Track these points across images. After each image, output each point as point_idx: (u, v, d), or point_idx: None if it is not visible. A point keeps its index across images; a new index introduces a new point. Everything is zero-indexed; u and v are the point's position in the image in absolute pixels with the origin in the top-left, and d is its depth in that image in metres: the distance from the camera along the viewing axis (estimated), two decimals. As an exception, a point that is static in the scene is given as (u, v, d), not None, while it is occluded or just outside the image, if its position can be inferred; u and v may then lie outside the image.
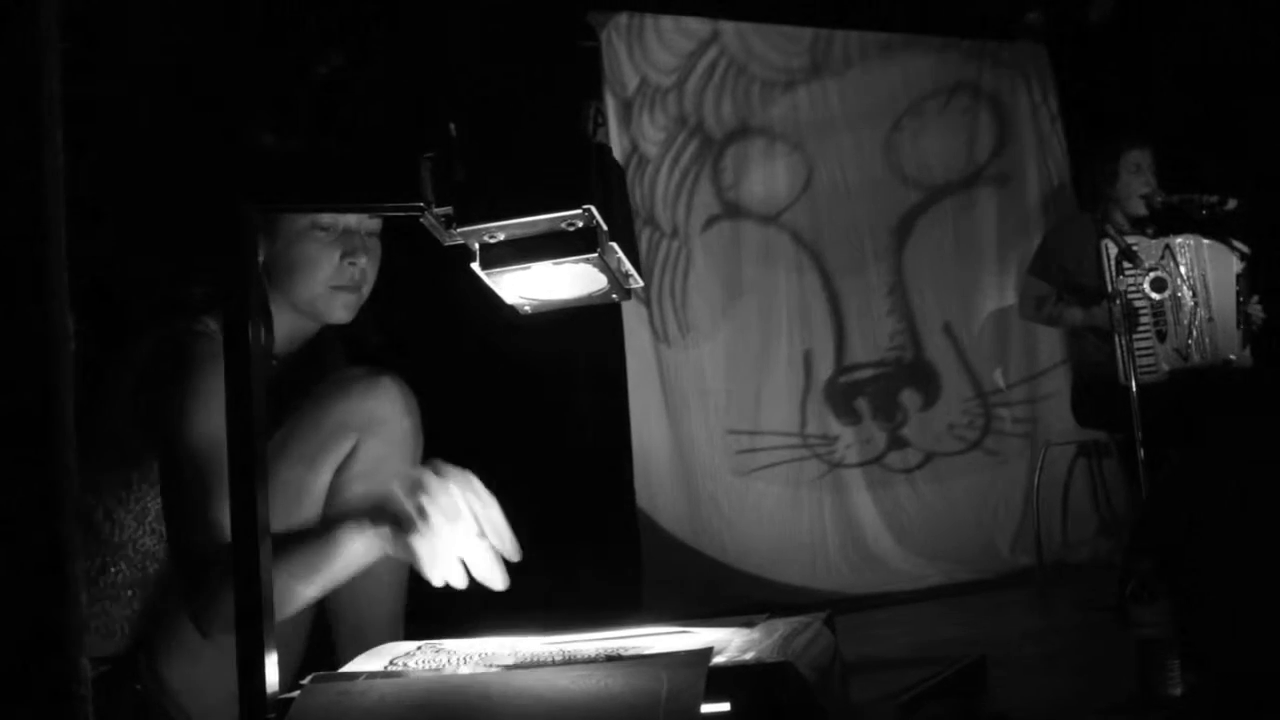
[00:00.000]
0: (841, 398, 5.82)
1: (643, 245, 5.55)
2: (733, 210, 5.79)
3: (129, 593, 2.10)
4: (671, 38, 5.78)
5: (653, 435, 5.38)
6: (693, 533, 5.33)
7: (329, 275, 2.27)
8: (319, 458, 2.16)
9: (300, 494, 2.14)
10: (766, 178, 5.88)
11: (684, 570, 5.21)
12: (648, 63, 5.69)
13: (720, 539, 5.37)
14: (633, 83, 5.64)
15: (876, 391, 5.89)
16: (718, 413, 5.57)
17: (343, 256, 2.27)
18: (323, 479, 2.16)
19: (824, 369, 5.82)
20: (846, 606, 4.82)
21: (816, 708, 1.34)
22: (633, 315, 5.43)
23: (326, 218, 2.23)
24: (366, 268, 2.31)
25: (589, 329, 5.08)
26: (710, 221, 5.74)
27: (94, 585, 2.08)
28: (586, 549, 4.72)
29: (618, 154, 5.50)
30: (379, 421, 2.18)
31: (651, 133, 5.68)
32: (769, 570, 5.32)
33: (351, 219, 2.27)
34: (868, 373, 5.89)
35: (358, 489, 2.16)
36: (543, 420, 4.95)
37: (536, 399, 4.92)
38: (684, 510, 5.36)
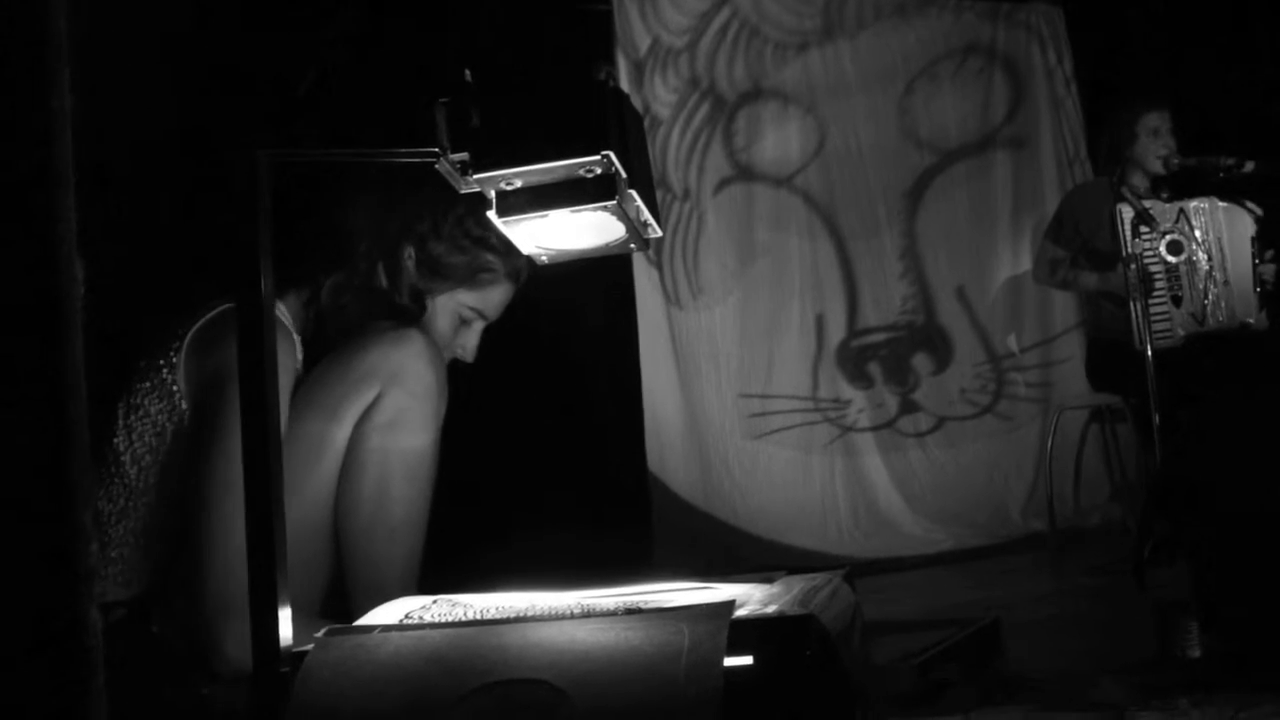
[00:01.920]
0: (853, 362, 5.80)
1: (655, 207, 5.52)
2: (745, 173, 5.76)
3: (147, 539, 2.09)
4: (684, -2, 5.75)
5: (664, 398, 5.37)
6: (704, 496, 5.33)
7: (448, 347, 2.41)
8: (342, 407, 2.17)
9: (322, 445, 2.15)
10: (779, 140, 5.85)
11: (695, 533, 5.21)
12: (660, 24, 5.66)
13: (731, 502, 5.37)
14: (644, 44, 5.61)
15: (888, 355, 5.87)
16: (729, 376, 5.55)
17: (460, 347, 2.45)
18: (344, 429, 2.18)
19: (836, 333, 5.80)
20: (858, 570, 4.76)
21: (839, 661, 1.32)
22: (644, 277, 5.41)
23: (469, 311, 2.40)
24: (471, 359, 2.49)
25: (600, 290, 5.06)
26: (722, 184, 5.71)
27: (115, 528, 2.08)
28: (597, 511, 4.71)
29: (629, 115, 5.47)
30: (405, 374, 2.18)
31: (663, 94, 5.65)
32: (780, 534, 5.31)
33: (492, 313, 2.44)
34: (880, 337, 5.87)
35: (378, 440, 2.17)
36: (553, 382, 4.92)
37: (547, 361, 4.90)
38: (695, 473, 5.36)
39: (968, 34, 6.22)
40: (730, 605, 1.31)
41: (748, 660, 1.26)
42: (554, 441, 4.83)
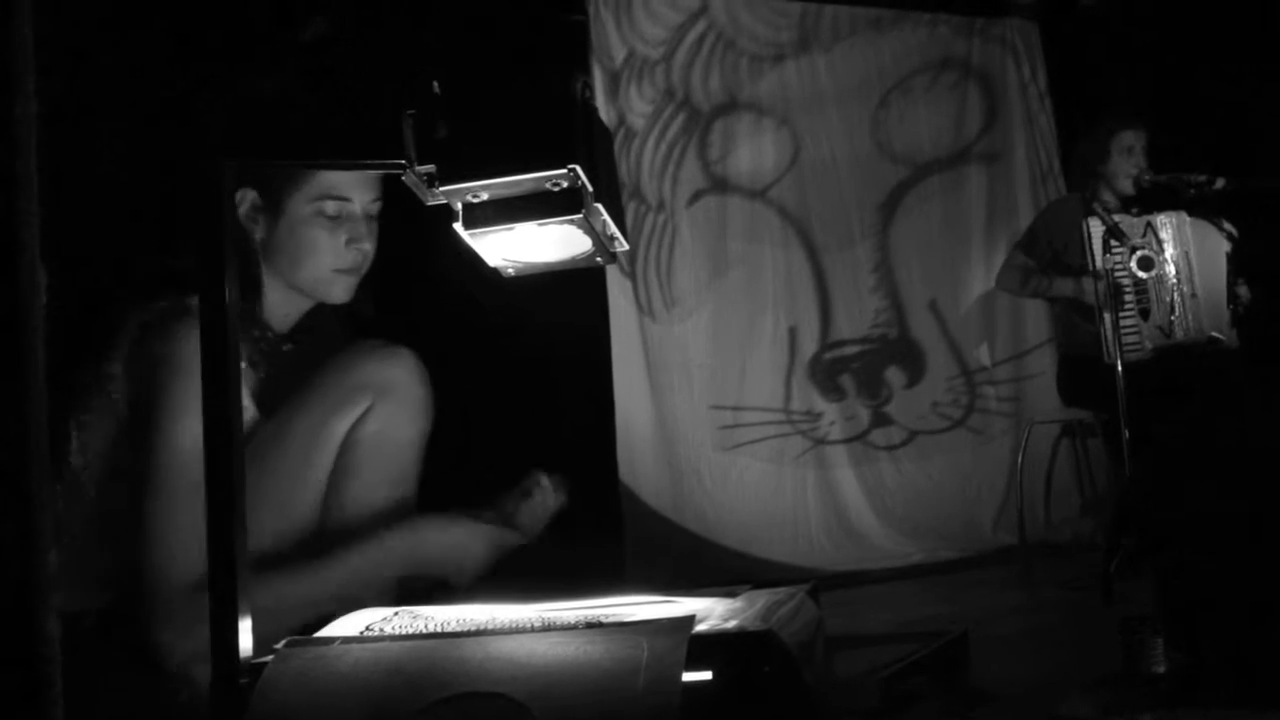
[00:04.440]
0: (826, 374, 5.80)
1: (628, 219, 5.52)
2: (719, 185, 5.76)
3: (105, 547, 2.12)
4: (659, 10, 5.74)
5: (636, 409, 5.36)
6: (675, 507, 5.32)
7: (332, 260, 2.36)
8: (334, 415, 2.25)
9: (312, 449, 2.24)
10: (753, 152, 5.85)
11: (666, 544, 5.20)
12: (635, 35, 5.66)
13: (703, 514, 5.36)
14: (620, 55, 5.61)
15: (861, 368, 5.87)
16: (701, 387, 5.54)
17: (348, 242, 2.36)
18: (338, 431, 2.26)
19: (809, 345, 5.80)
20: (828, 583, 4.78)
21: (799, 677, 1.32)
22: (617, 288, 5.40)
23: (332, 205, 2.31)
24: (369, 250, 2.41)
25: (573, 302, 5.05)
26: (696, 196, 5.71)
27: (79, 539, 2.11)
28: (568, 521, 4.69)
29: (605, 126, 5.47)
30: (395, 386, 2.29)
31: (638, 105, 5.65)
32: (751, 546, 5.31)
33: (356, 204, 2.35)
34: (852, 349, 5.87)
35: (367, 447, 2.26)
36: (526, 392, 4.92)
37: (519, 371, 4.90)
38: (667, 484, 5.35)
39: (942, 48, 6.24)
40: (690, 620, 1.31)
41: (707, 675, 1.26)
42: (525, 450, 4.81)
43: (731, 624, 1.38)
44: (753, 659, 1.29)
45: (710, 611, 1.50)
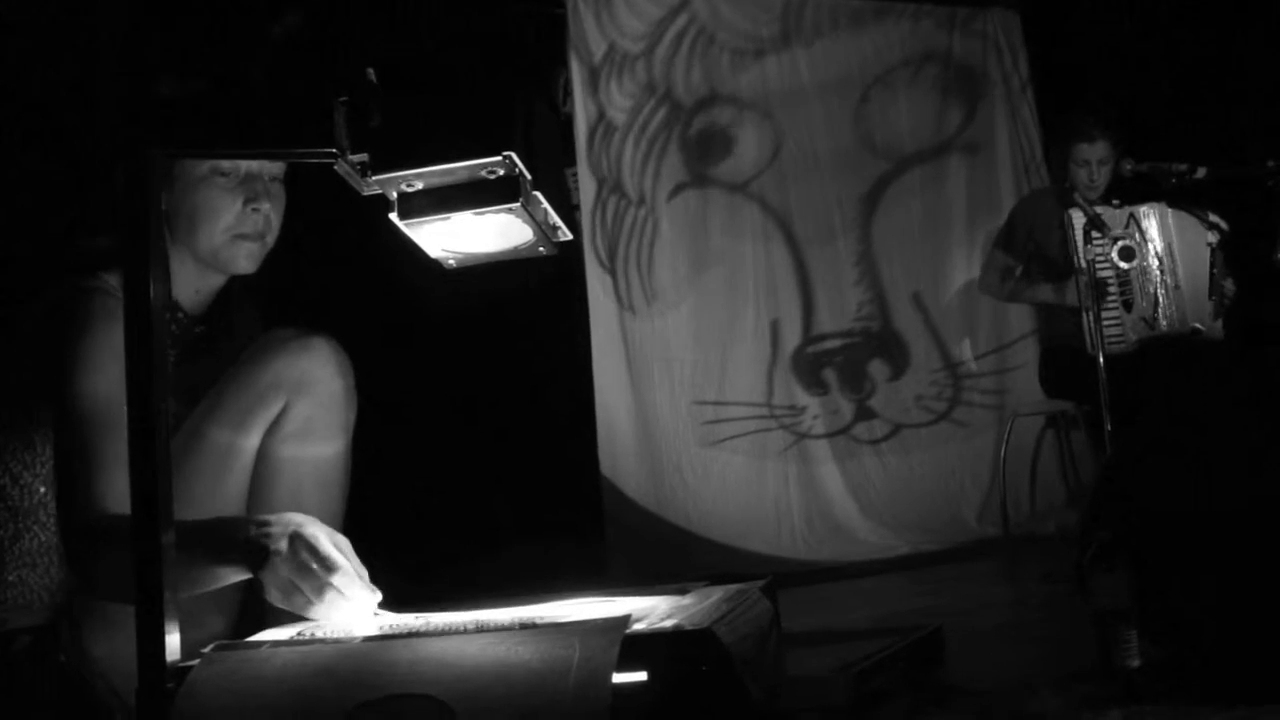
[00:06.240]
0: (809, 368, 5.77)
1: (609, 213, 5.50)
2: (700, 179, 5.73)
3: (46, 559, 2.05)
4: (640, 4, 5.72)
5: (617, 404, 5.34)
6: (657, 502, 5.30)
7: (231, 223, 2.21)
8: (248, 419, 2.13)
9: (229, 456, 2.11)
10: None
11: (648, 539, 5.17)
12: (616, 29, 5.63)
13: (685, 508, 5.34)
14: (600, 49, 5.58)
15: (844, 362, 5.84)
16: (683, 382, 5.52)
17: (245, 203, 2.21)
18: (252, 441, 2.14)
19: (791, 339, 5.77)
20: (811, 577, 4.79)
21: (736, 677, 1.29)
22: (597, 283, 5.39)
23: (227, 163, 2.15)
24: (270, 214, 2.25)
25: (553, 296, 5.04)
26: (677, 190, 5.68)
27: (8, 553, 2.04)
28: (550, 516, 4.69)
29: (584, 121, 5.46)
30: (310, 382, 2.15)
31: (619, 100, 5.62)
32: (734, 540, 5.29)
33: (254, 164, 2.20)
34: (835, 343, 5.84)
35: (288, 451, 2.13)
36: (506, 388, 4.90)
37: (500, 366, 4.88)
38: (648, 479, 5.32)
39: (924, 41, 6.20)
40: (625, 620, 1.28)
41: (642, 676, 1.23)
42: (507, 446, 4.81)
43: (669, 623, 1.35)
44: (689, 659, 1.26)
45: (652, 610, 1.47)
